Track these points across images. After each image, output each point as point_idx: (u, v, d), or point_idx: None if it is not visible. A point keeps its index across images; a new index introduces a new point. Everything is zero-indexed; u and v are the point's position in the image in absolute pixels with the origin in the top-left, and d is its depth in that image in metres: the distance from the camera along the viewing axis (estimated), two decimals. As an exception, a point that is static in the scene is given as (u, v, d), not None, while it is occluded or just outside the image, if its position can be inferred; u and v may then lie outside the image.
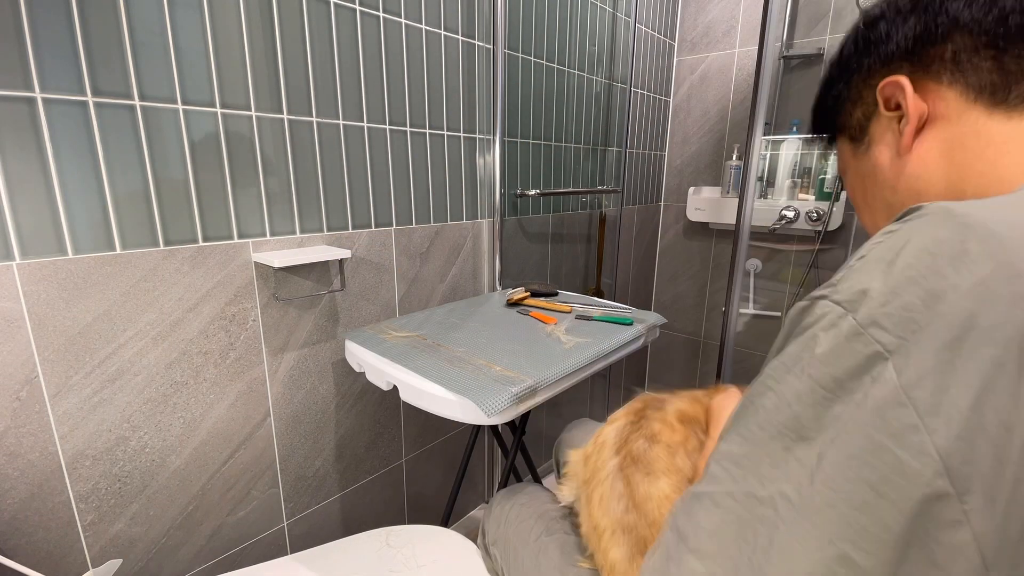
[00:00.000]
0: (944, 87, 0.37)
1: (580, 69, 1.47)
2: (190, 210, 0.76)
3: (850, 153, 0.46)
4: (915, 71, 0.38)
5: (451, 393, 0.70)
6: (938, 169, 0.38)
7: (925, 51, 0.37)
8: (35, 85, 0.60)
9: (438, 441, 1.28)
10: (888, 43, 0.39)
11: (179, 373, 0.79)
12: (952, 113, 0.37)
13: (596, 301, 1.17)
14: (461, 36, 1.09)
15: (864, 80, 0.42)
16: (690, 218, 1.88)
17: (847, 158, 0.47)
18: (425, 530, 0.80)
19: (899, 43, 0.38)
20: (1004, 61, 0.35)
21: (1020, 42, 0.34)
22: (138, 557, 0.79)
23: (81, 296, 0.68)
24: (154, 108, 0.70)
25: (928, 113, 0.38)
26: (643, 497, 0.55)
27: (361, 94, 0.94)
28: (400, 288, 1.09)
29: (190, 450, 0.82)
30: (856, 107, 0.43)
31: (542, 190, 1.40)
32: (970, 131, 0.36)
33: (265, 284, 0.86)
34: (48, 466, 0.68)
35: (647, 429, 0.59)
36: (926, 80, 0.38)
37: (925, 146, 0.38)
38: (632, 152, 1.79)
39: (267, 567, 0.75)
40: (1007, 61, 0.35)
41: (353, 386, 1.04)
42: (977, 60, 0.35)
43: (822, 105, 0.48)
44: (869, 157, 0.43)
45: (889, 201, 0.43)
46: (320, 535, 1.05)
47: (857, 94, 0.43)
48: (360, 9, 0.90)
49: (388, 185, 1.02)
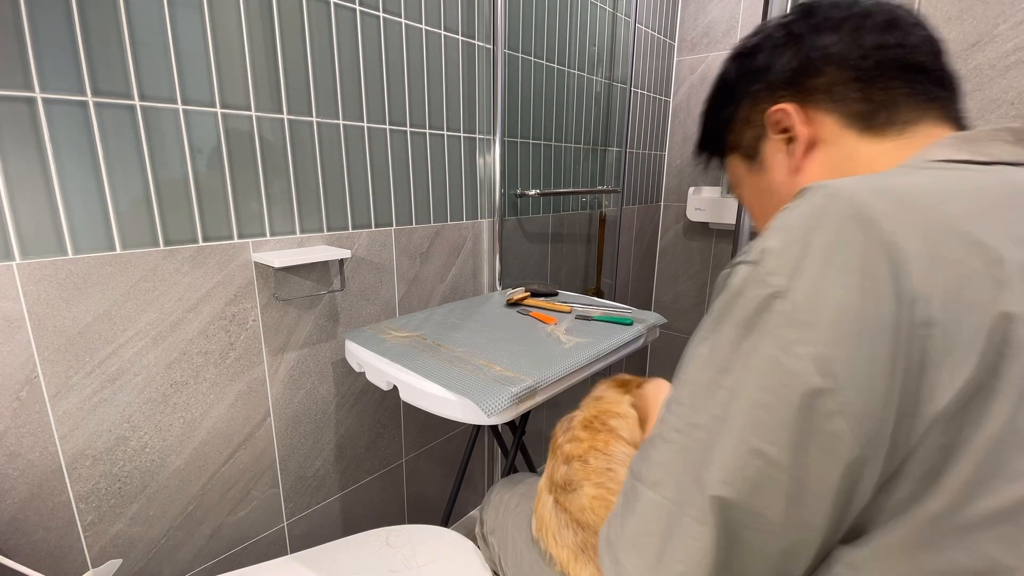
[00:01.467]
0: (823, 113, 0.41)
1: (580, 69, 1.46)
2: (190, 210, 0.76)
3: (744, 169, 0.49)
4: (798, 98, 0.42)
5: (451, 393, 0.70)
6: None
7: (805, 81, 0.42)
8: (35, 85, 0.60)
9: (438, 441, 1.28)
10: (770, 72, 0.43)
11: (179, 373, 0.79)
12: (831, 136, 0.41)
13: (596, 301, 1.17)
14: (461, 36, 1.09)
15: (753, 105, 0.46)
16: (690, 218, 1.88)
17: (741, 173, 0.50)
18: (425, 530, 0.80)
19: (780, 73, 0.43)
20: (870, 92, 0.39)
21: (882, 75, 0.39)
22: (138, 557, 0.79)
23: (81, 296, 0.68)
24: (154, 108, 0.70)
25: (813, 136, 0.42)
26: (578, 510, 0.59)
27: (361, 94, 0.94)
28: (400, 288, 1.09)
29: (190, 450, 0.82)
30: (747, 129, 0.47)
31: (542, 190, 1.40)
32: (846, 152, 0.40)
33: (265, 284, 0.86)
34: (48, 466, 0.68)
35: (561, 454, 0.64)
36: (809, 107, 0.42)
37: (812, 166, 0.42)
38: (632, 152, 1.78)
39: (267, 567, 0.75)
40: (873, 92, 0.39)
41: (353, 386, 1.04)
42: (847, 91, 0.40)
43: (711, 125, 0.51)
44: (764, 175, 0.47)
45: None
46: (320, 535, 1.05)
47: (746, 117, 0.47)
48: (360, 9, 0.90)
49: (388, 185, 1.02)
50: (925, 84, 0.39)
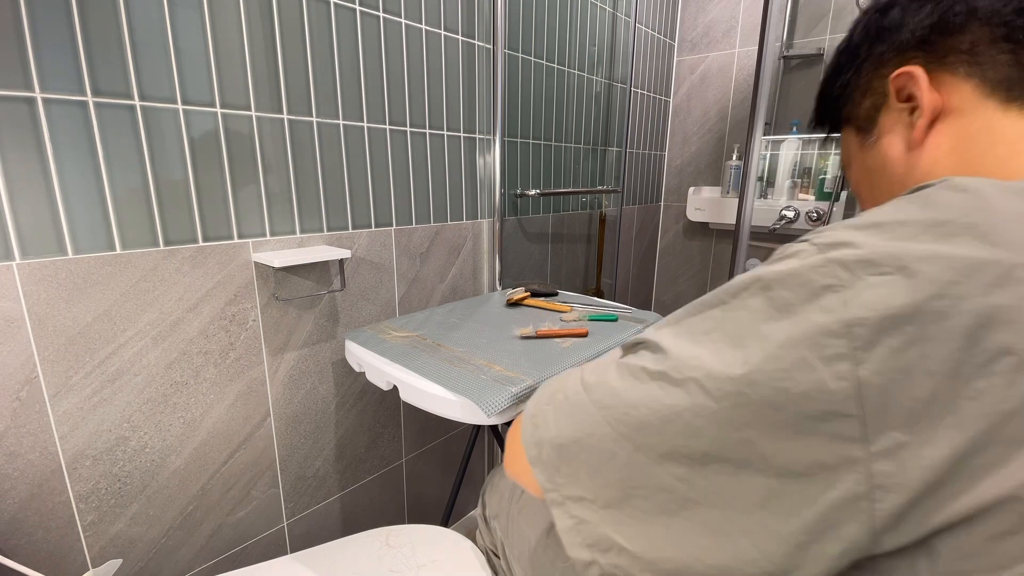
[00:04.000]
0: (959, 80, 0.35)
1: (580, 69, 1.46)
2: (190, 210, 0.76)
3: (857, 145, 0.44)
4: (930, 62, 0.36)
5: (451, 393, 0.70)
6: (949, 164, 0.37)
7: (941, 41, 0.36)
8: (35, 85, 0.60)
9: (438, 441, 1.28)
10: (902, 31, 0.38)
11: (179, 373, 0.79)
12: (966, 107, 0.35)
13: (596, 301, 1.17)
14: (461, 36, 1.09)
15: (875, 69, 0.40)
16: (690, 218, 1.88)
17: (853, 150, 0.45)
18: (425, 530, 0.80)
19: (913, 31, 0.37)
20: (1021, 55, 0.34)
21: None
22: (138, 557, 0.79)
23: (81, 296, 0.68)
24: (154, 108, 0.70)
25: (942, 106, 0.36)
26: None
27: (361, 94, 0.94)
28: (400, 288, 1.09)
29: (190, 450, 0.82)
30: (865, 97, 0.42)
31: (542, 190, 1.40)
32: (983, 127, 0.35)
33: (265, 284, 0.86)
34: (48, 466, 0.68)
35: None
36: (940, 72, 0.36)
37: (936, 140, 0.37)
38: (632, 152, 1.78)
39: (267, 567, 0.75)
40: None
41: (353, 386, 1.04)
42: (994, 53, 0.34)
43: (828, 94, 0.46)
44: (878, 150, 0.41)
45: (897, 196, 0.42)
46: (320, 535, 1.05)
47: (867, 83, 0.41)
48: (360, 9, 0.90)
49: (388, 185, 1.02)
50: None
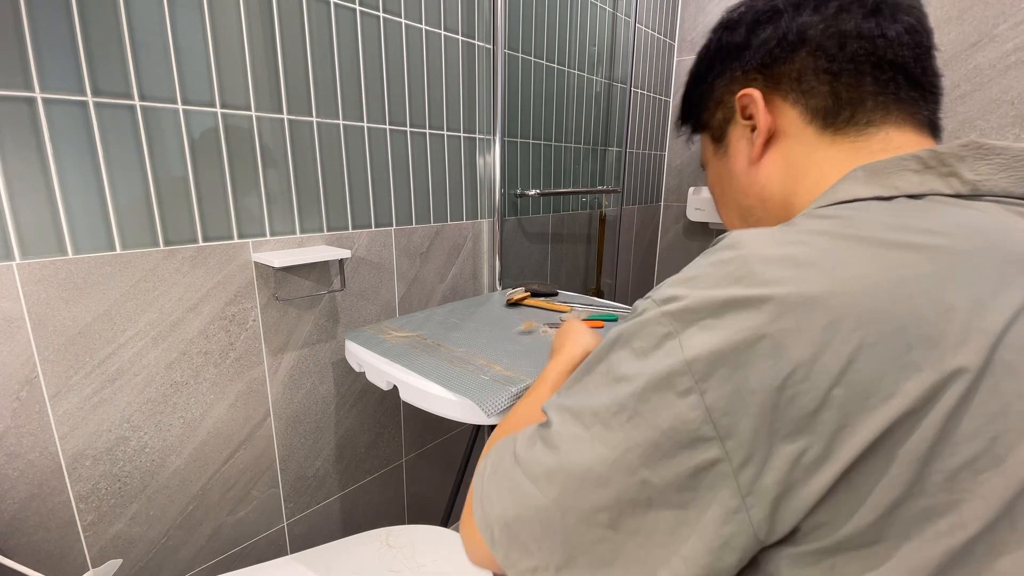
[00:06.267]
0: (788, 105, 0.39)
1: (580, 69, 1.46)
2: (190, 210, 0.76)
3: (711, 152, 0.48)
4: (767, 85, 0.40)
5: (451, 393, 0.70)
6: (779, 182, 0.41)
7: (775, 67, 0.39)
8: (35, 85, 0.60)
9: (438, 441, 1.28)
10: (746, 52, 0.41)
11: (179, 373, 0.79)
12: (792, 131, 0.39)
13: (596, 301, 1.17)
14: (461, 36, 1.09)
15: (726, 85, 0.43)
16: (690, 218, 1.88)
17: (708, 155, 0.48)
18: (425, 530, 0.80)
19: (755, 53, 0.40)
20: (837, 87, 0.37)
21: (853, 70, 0.37)
22: (138, 557, 0.79)
23: (81, 296, 0.68)
24: (154, 108, 0.70)
25: (775, 127, 0.40)
26: None
27: (361, 94, 0.94)
28: (400, 288, 1.09)
29: (190, 450, 0.82)
30: (718, 109, 0.45)
31: (542, 190, 1.40)
32: (804, 152, 0.39)
33: (265, 284, 0.86)
34: (48, 466, 0.68)
35: None
36: (774, 95, 0.40)
37: (772, 158, 0.41)
38: (632, 152, 1.78)
39: (267, 567, 0.75)
40: (839, 87, 0.37)
41: (353, 386, 1.04)
42: (816, 83, 0.38)
43: (688, 100, 0.49)
44: (726, 161, 0.45)
45: (741, 204, 0.45)
46: (320, 535, 1.05)
47: (720, 97, 0.44)
48: (360, 9, 0.90)
49: (388, 185, 1.02)
50: (898, 83, 0.36)
